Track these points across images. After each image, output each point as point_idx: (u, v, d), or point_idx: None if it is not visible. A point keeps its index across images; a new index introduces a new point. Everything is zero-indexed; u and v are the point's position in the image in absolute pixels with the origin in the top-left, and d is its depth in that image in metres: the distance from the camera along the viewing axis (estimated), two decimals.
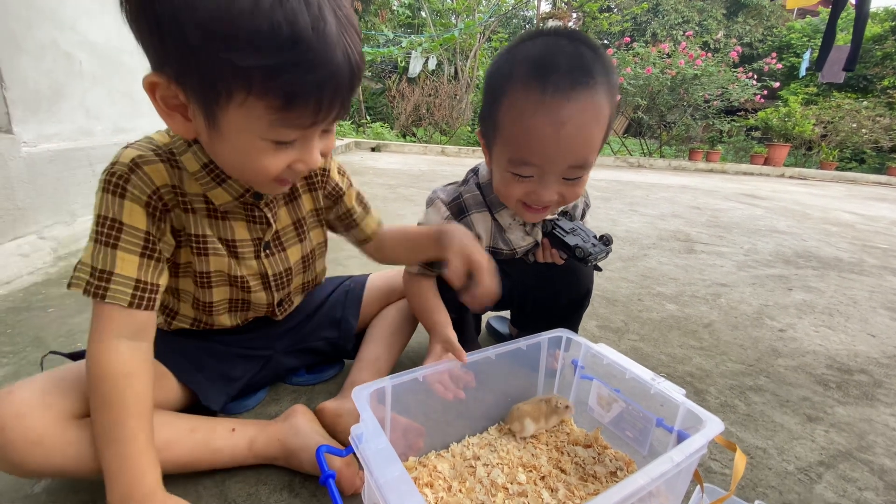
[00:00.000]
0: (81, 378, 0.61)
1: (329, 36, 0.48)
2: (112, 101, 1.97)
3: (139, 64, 0.52)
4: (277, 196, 0.74)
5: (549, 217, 0.86)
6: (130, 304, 0.58)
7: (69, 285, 0.58)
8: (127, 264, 0.58)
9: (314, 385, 0.95)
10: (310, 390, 0.94)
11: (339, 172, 0.82)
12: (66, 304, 1.24)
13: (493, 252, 0.89)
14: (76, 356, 0.72)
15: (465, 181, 0.88)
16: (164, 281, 0.63)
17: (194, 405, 0.76)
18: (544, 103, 0.63)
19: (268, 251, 0.75)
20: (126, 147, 0.62)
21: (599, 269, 0.89)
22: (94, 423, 0.57)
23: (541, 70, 0.63)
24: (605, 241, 0.85)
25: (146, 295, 0.60)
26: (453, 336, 0.77)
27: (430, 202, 0.87)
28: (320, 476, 0.55)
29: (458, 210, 0.84)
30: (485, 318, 1.30)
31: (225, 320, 0.78)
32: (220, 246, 0.69)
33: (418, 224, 0.88)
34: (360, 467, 0.65)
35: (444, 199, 0.85)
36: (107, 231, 0.58)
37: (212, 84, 0.49)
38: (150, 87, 0.51)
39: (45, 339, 1.06)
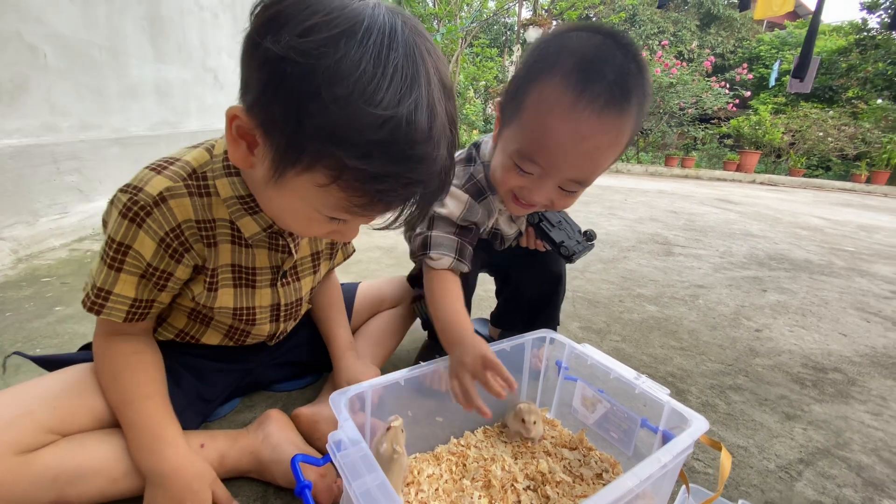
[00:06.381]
0: (26, 407, 0.56)
1: (438, 159, 0.47)
2: (79, 96, 1.88)
3: (108, 58, 0.49)
4: None
5: None
6: (125, 321, 0.60)
7: (83, 301, 0.60)
8: (127, 286, 0.59)
9: (291, 392, 0.92)
10: (286, 396, 0.90)
11: None
12: (25, 308, 1.17)
13: (492, 234, 0.87)
14: (41, 362, 0.68)
15: (471, 159, 0.82)
16: (164, 298, 0.63)
17: None
18: (575, 110, 0.59)
19: (284, 280, 0.73)
20: (156, 170, 0.57)
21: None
22: (108, 396, 0.60)
23: (582, 73, 0.58)
24: (589, 236, 0.86)
25: (140, 311, 0.61)
26: (492, 354, 0.65)
27: None
28: (295, 487, 0.52)
29: (478, 192, 0.78)
30: None
31: (214, 340, 0.75)
32: (229, 279, 0.67)
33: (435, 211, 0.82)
34: (338, 475, 0.62)
35: (458, 185, 0.78)
36: (113, 254, 0.57)
37: (298, 154, 0.45)
38: (232, 117, 0.48)
39: (2, 344, 1.00)
